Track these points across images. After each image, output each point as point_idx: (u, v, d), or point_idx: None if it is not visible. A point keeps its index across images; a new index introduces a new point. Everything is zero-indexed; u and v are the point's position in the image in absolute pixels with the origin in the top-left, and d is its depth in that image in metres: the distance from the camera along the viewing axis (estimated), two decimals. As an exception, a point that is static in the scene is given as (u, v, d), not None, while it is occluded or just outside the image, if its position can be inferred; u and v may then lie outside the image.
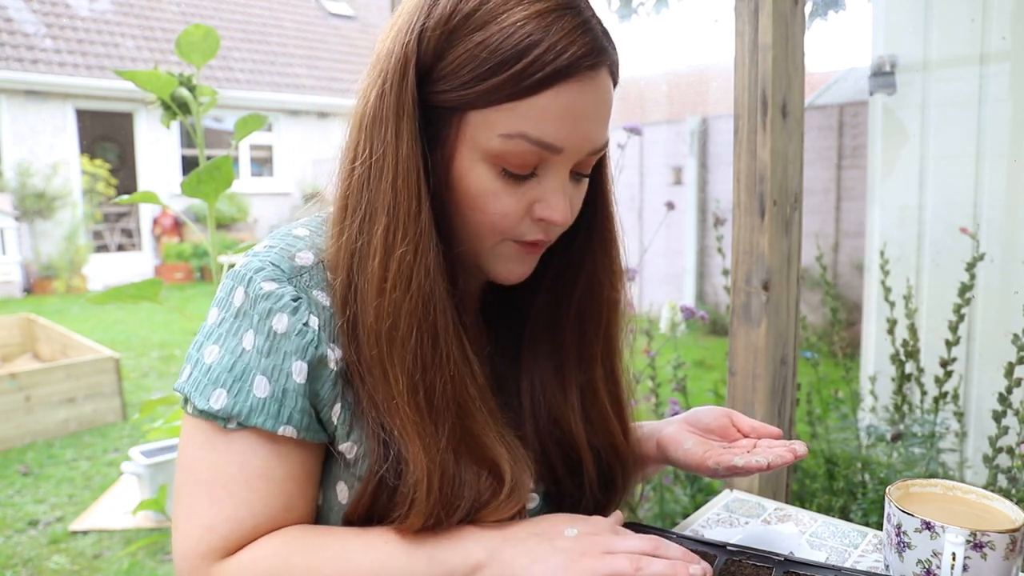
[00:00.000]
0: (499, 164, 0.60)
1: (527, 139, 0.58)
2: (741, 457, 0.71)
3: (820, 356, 2.25)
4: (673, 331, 1.96)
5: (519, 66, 0.56)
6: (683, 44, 9.31)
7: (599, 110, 0.60)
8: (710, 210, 5.97)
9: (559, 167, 0.61)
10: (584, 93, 0.58)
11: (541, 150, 0.59)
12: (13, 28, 9.07)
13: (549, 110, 0.57)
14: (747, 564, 0.72)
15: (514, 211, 0.62)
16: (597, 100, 0.60)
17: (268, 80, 10.96)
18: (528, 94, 0.57)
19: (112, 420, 4.07)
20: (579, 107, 0.58)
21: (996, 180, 2.15)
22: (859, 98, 5.24)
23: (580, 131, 0.59)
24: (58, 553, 2.70)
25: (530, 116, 0.58)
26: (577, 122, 0.59)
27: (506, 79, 0.57)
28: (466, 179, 0.61)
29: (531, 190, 0.62)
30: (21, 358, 4.81)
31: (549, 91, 0.57)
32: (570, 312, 0.73)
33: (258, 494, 0.59)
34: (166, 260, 9.67)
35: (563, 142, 0.59)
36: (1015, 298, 1.84)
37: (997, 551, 0.63)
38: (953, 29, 2.25)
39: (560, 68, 0.56)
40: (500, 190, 0.61)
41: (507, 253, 0.65)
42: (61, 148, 9.18)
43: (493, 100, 0.57)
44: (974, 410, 2.13)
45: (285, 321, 0.59)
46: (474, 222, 0.62)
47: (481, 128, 0.59)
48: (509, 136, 0.58)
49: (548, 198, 0.62)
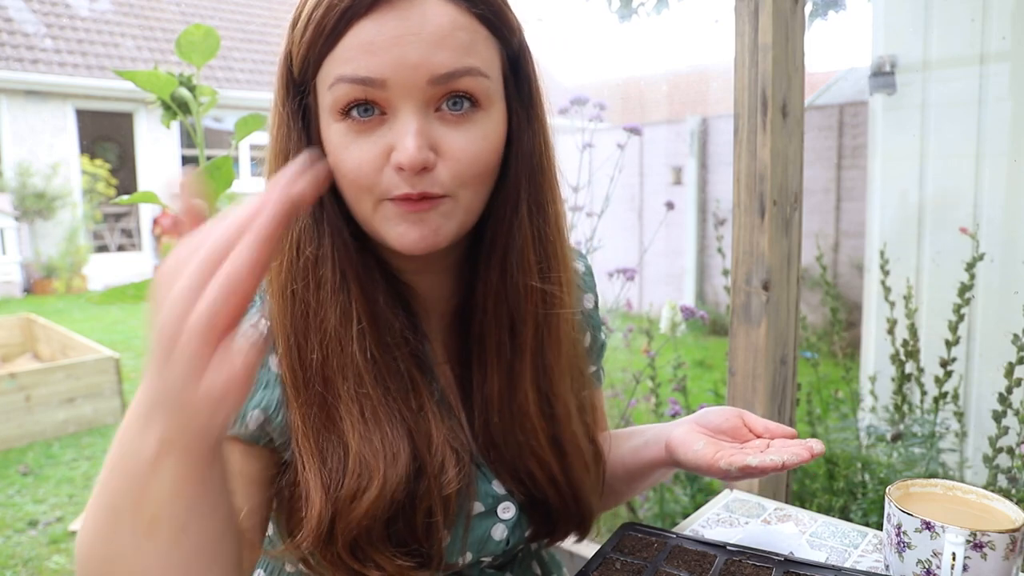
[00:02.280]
0: (342, 116, 0.60)
1: (344, 80, 0.59)
2: (755, 457, 0.68)
3: (820, 356, 2.25)
4: (673, 331, 1.96)
5: (318, 16, 0.58)
6: (683, 44, 9.31)
7: (418, 33, 0.58)
8: (710, 210, 5.97)
9: (402, 105, 0.59)
10: (388, 20, 0.57)
11: (362, 87, 0.58)
12: (13, 28, 9.06)
13: (353, 47, 0.58)
14: (747, 564, 0.72)
15: (368, 161, 0.60)
16: (409, 23, 0.58)
17: (268, 80, 10.80)
18: (334, 41, 0.59)
19: (112, 420, 4.07)
20: (386, 34, 0.57)
21: (996, 180, 2.15)
22: (859, 98, 5.23)
23: (396, 58, 0.57)
24: (58, 553, 2.70)
25: (342, 59, 0.59)
26: (388, 49, 0.57)
27: (314, 35, 0.59)
28: (327, 143, 0.62)
29: (382, 137, 0.60)
30: (21, 358, 4.81)
31: (351, 30, 0.58)
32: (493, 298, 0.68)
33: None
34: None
35: (379, 72, 0.58)
36: (1015, 298, 1.84)
37: (997, 551, 0.63)
38: (953, 29, 2.25)
39: (347, 6, 0.58)
40: (351, 142, 0.60)
41: (390, 214, 0.61)
42: (61, 148, 9.18)
43: (316, 60, 0.60)
44: (974, 410, 2.13)
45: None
46: (345, 185, 0.62)
47: (321, 92, 0.62)
48: (332, 85, 0.60)
49: (398, 140, 0.59)
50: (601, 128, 2.06)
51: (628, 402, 2.05)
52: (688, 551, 0.75)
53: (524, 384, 0.69)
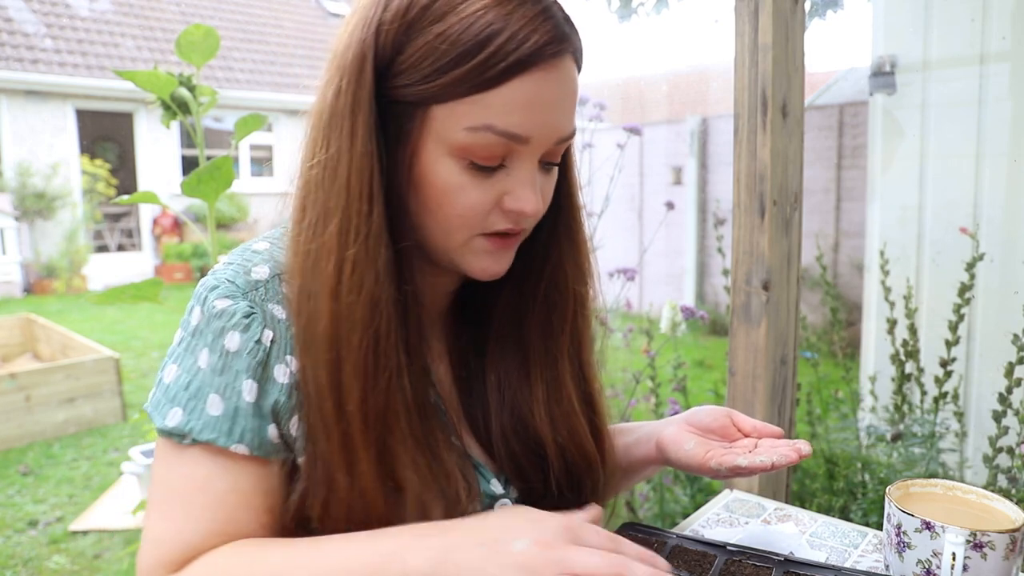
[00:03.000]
0: (466, 157, 0.58)
1: (493, 131, 0.57)
2: (744, 457, 0.70)
3: (820, 356, 2.25)
4: (673, 331, 1.96)
5: (481, 57, 0.55)
6: (683, 44, 9.31)
7: (565, 98, 0.59)
8: (710, 210, 5.97)
9: (527, 157, 0.60)
10: (548, 82, 0.57)
11: (508, 141, 0.58)
12: (13, 28, 9.06)
13: (514, 100, 0.56)
14: (747, 564, 0.72)
15: (483, 204, 0.60)
16: (562, 88, 0.59)
17: (268, 80, 10.96)
18: (492, 85, 0.56)
19: (112, 420, 4.07)
20: (544, 96, 0.57)
21: (996, 180, 2.15)
22: (859, 98, 5.24)
23: (546, 120, 0.58)
24: (58, 553, 2.70)
25: (495, 107, 0.56)
26: (543, 111, 0.58)
27: (468, 71, 0.55)
28: (432, 174, 0.59)
29: (499, 182, 0.60)
30: (21, 358, 4.81)
31: (513, 81, 0.56)
32: (535, 305, 0.71)
33: (201, 507, 0.58)
34: (166, 260, 9.67)
35: (530, 132, 0.58)
36: (1015, 298, 1.84)
37: (997, 551, 0.63)
38: (953, 29, 2.25)
39: (523, 57, 0.55)
40: (468, 184, 0.59)
41: (480, 248, 0.63)
42: (61, 148, 9.18)
43: (456, 93, 0.56)
44: (974, 410, 2.13)
45: (237, 340, 0.59)
46: (442, 218, 0.61)
47: (446, 122, 0.57)
48: (475, 129, 0.57)
49: (517, 190, 0.60)
50: (601, 128, 2.06)
51: (628, 402, 2.05)
52: (688, 551, 0.75)
53: (567, 383, 0.73)
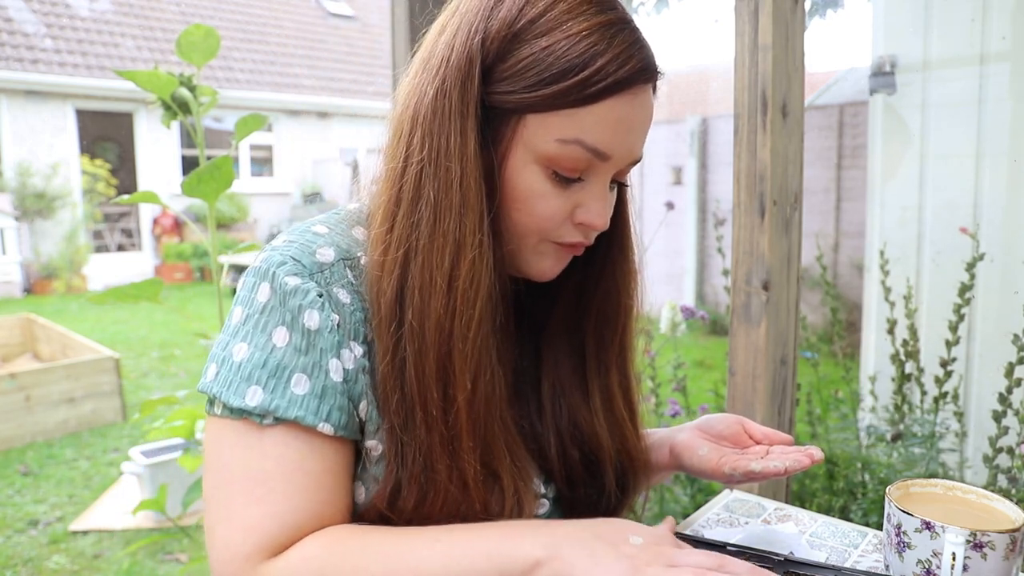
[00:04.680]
0: (550, 167, 0.62)
1: (582, 145, 0.60)
2: (758, 462, 0.72)
3: (820, 356, 2.25)
4: (673, 331, 1.96)
5: (584, 74, 0.58)
6: (683, 44, 9.32)
7: (645, 122, 0.64)
8: (710, 210, 5.97)
9: (604, 174, 0.64)
10: (636, 105, 0.61)
11: (593, 157, 0.61)
12: (13, 28, 9.07)
13: (606, 119, 0.60)
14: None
15: (559, 214, 0.63)
16: (644, 113, 0.63)
17: (268, 80, 10.96)
18: (589, 102, 0.59)
19: (112, 420, 4.07)
20: (631, 118, 0.61)
21: (996, 180, 2.15)
22: (859, 98, 5.24)
23: (627, 141, 0.62)
24: (58, 553, 2.71)
25: (588, 123, 0.60)
26: (627, 132, 0.62)
27: (570, 86, 0.58)
28: (516, 179, 0.62)
29: (575, 194, 0.63)
30: (21, 358, 4.81)
31: (608, 100, 0.59)
32: (590, 316, 0.74)
33: (298, 488, 0.58)
34: (166, 260, 9.68)
35: (613, 150, 0.61)
36: (1015, 298, 1.84)
37: (997, 551, 0.63)
38: (953, 29, 2.25)
39: (621, 80, 0.59)
40: (548, 192, 0.62)
41: (545, 251, 0.66)
42: (61, 148, 9.18)
43: (555, 105, 0.59)
44: (974, 410, 2.13)
45: (316, 318, 0.59)
46: (520, 222, 0.64)
47: (539, 131, 0.60)
48: (566, 141, 0.60)
49: (591, 203, 0.64)
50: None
51: (628, 402, 2.04)
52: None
53: (614, 387, 0.76)
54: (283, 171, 11.33)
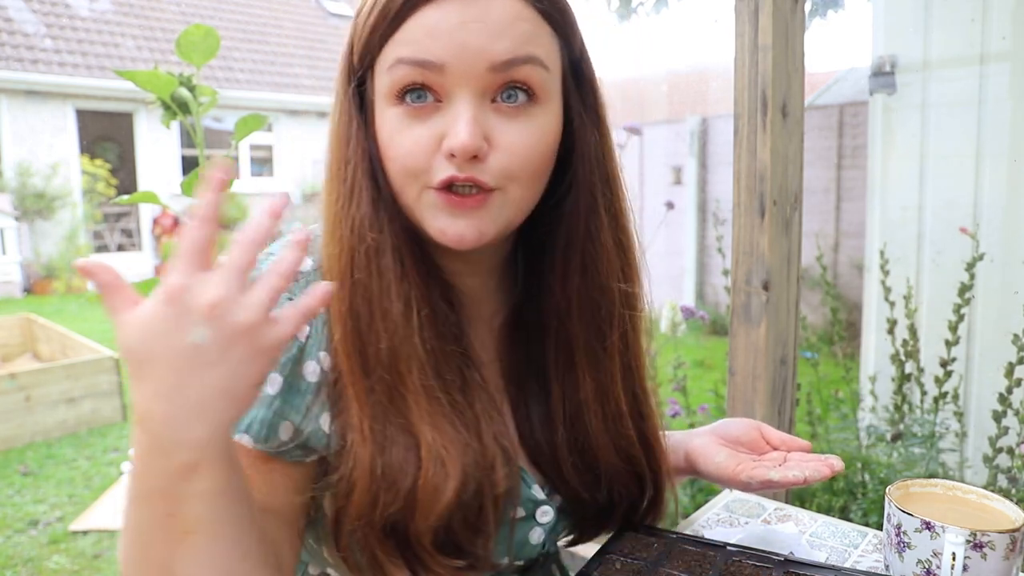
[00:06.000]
0: (398, 101, 0.60)
1: (403, 61, 0.59)
2: (776, 471, 0.71)
3: (820, 356, 2.25)
4: (673, 331, 1.96)
5: (383, 4, 0.60)
6: (683, 44, 9.32)
7: (483, 21, 0.58)
8: (710, 210, 5.97)
9: (459, 91, 0.59)
10: (451, 8, 0.58)
11: (422, 69, 0.59)
12: (13, 28, 9.06)
13: (417, 31, 0.59)
14: (747, 564, 0.72)
15: (419, 146, 0.60)
16: (475, 12, 0.58)
17: (268, 80, 10.96)
18: (397, 25, 0.59)
19: (112, 420, 4.07)
20: (450, 20, 0.58)
21: (996, 180, 2.15)
22: (859, 98, 5.23)
23: (457, 43, 0.58)
24: (58, 553, 2.70)
25: (403, 42, 0.59)
26: (451, 34, 0.58)
27: (377, 19, 0.60)
28: (381, 130, 0.62)
29: (436, 124, 0.60)
30: (21, 358, 4.81)
31: (413, 16, 0.59)
32: (572, 302, 0.69)
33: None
34: (166, 260, 9.63)
35: (441, 57, 0.58)
36: (1015, 298, 1.84)
37: (997, 551, 0.63)
38: (953, 29, 2.25)
39: None
40: (405, 127, 0.60)
41: (431, 203, 0.61)
42: (61, 148, 9.18)
43: (377, 43, 0.61)
44: (974, 410, 2.13)
45: None
46: (393, 173, 0.62)
47: (379, 75, 0.62)
48: (392, 67, 0.60)
49: (450, 126, 0.59)
50: (601, 128, 2.05)
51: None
52: (688, 551, 0.75)
53: (616, 386, 0.72)
54: (283, 171, 11.34)
